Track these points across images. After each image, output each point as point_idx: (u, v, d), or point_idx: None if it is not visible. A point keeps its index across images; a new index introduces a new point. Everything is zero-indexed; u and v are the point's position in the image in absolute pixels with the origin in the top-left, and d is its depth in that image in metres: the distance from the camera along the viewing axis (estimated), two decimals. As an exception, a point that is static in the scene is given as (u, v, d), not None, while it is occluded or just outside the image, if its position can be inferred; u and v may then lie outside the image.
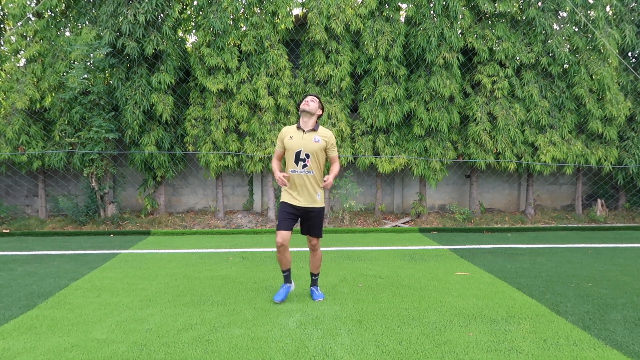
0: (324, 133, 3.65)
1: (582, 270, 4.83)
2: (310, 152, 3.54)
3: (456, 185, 9.31)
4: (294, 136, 3.58)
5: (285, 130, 3.68)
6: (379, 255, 5.58)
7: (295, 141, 3.57)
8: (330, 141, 3.63)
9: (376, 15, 7.76)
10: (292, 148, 3.57)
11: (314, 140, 3.56)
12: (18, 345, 2.94)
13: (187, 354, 2.81)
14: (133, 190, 8.82)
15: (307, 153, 3.55)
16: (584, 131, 8.30)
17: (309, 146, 3.55)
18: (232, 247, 6.25)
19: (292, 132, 3.62)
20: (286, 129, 3.68)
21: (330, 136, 3.65)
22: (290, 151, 3.57)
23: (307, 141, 3.55)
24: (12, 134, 7.48)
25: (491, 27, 7.95)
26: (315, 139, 3.57)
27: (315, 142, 3.56)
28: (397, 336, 3.06)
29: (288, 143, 3.59)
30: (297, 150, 3.54)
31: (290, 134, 3.61)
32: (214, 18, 7.43)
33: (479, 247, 6.22)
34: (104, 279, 4.53)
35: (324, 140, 3.61)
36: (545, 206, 9.45)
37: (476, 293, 4.03)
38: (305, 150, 3.54)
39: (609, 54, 7.98)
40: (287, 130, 3.67)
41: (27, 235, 7.26)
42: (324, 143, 3.61)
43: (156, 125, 7.85)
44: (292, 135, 3.59)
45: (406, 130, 8.14)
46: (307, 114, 3.57)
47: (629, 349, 2.85)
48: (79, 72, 7.22)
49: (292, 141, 3.57)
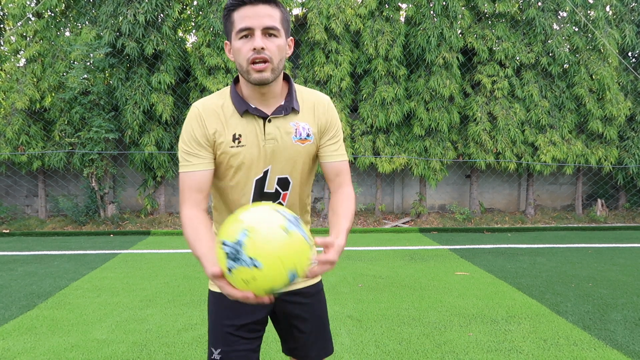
0: (314, 105, 1.38)
1: (582, 270, 4.83)
2: (290, 171, 1.37)
3: (456, 185, 9.31)
4: (243, 133, 1.30)
5: (208, 112, 1.31)
6: (379, 255, 5.58)
7: (250, 149, 1.31)
8: (331, 121, 1.40)
9: (376, 15, 7.76)
10: (246, 167, 1.32)
11: (296, 135, 1.33)
12: (18, 345, 2.94)
13: (187, 354, 2.80)
14: (133, 190, 8.82)
15: (282, 176, 1.36)
16: (584, 131, 8.30)
17: (284, 155, 1.34)
18: (232, 247, 6.24)
19: (232, 122, 1.30)
20: (208, 110, 1.31)
21: (325, 105, 1.39)
22: (240, 177, 1.34)
23: (278, 143, 1.32)
24: (12, 134, 7.47)
25: (491, 27, 7.95)
26: (297, 131, 1.34)
27: (297, 140, 1.34)
28: (397, 336, 3.06)
29: (230, 156, 1.31)
30: (260, 173, 1.34)
31: (230, 126, 1.30)
32: (214, 18, 7.43)
33: (479, 247, 6.21)
34: (104, 279, 4.53)
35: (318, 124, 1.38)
36: (545, 206, 9.45)
37: (476, 293, 4.03)
38: (277, 168, 1.35)
39: (609, 54, 7.98)
40: (211, 112, 1.31)
41: (27, 235, 7.26)
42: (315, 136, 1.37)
43: (156, 125, 7.85)
44: (236, 130, 1.30)
45: (406, 130, 8.14)
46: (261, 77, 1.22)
47: (629, 349, 2.85)
48: (78, 72, 7.22)
49: (242, 150, 1.30)
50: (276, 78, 1.26)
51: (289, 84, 1.35)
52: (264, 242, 0.98)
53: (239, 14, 1.21)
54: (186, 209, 1.28)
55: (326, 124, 1.38)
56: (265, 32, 1.20)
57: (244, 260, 0.98)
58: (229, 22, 1.25)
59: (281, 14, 1.24)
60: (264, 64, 1.20)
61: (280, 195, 1.38)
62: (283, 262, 0.99)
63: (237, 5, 1.21)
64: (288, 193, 1.38)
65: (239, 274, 1.00)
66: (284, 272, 0.99)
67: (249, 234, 0.98)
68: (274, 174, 1.34)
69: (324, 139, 1.39)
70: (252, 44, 1.20)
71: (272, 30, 1.21)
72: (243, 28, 1.20)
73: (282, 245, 0.99)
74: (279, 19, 1.23)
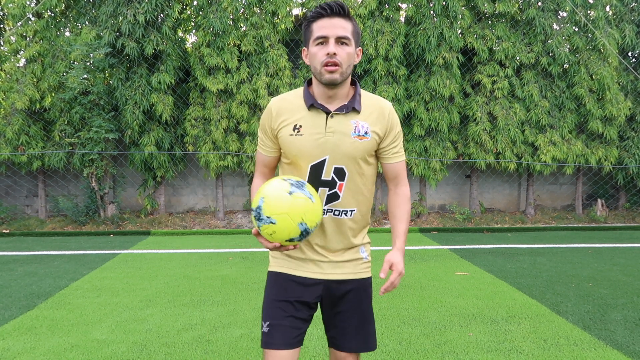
0: (375, 109, 1.54)
1: (583, 270, 4.83)
2: (346, 163, 1.52)
3: (456, 185, 9.31)
4: (304, 125, 1.51)
5: (278, 107, 1.56)
6: (379, 255, 5.56)
7: (308, 137, 1.50)
8: (392, 126, 1.56)
9: (376, 15, 7.76)
10: (302, 154, 1.51)
11: (354, 131, 1.51)
12: (18, 346, 2.94)
13: (187, 354, 2.80)
14: (133, 190, 8.82)
15: (338, 166, 1.51)
16: (584, 131, 8.30)
17: (342, 148, 1.50)
18: (232, 247, 6.25)
19: (297, 114, 1.53)
20: (279, 105, 1.56)
21: (386, 111, 1.55)
22: (298, 161, 1.53)
23: (337, 136, 1.50)
24: (12, 134, 7.47)
25: (491, 27, 7.95)
26: (356, 128, 1.51)
27: (356, 136, 1.51)
28: (397, 336, 3.06)
29: (289, 143, 1.53)
30: (316, 160, 1.51)
31: (294, 118, 1.53)
32: (214, 18, 7.43)
33: (479, 247, 6.21)
34: (104, 279, 4.53)
35: (380, 126, 1.54)
36: (546, 206, 9.45)
37: (476, 293, 4.03)
38: (335, 158, 1.51)
39: (609, 54, 7.98)
40: (281, 106, 1.56)
41: (27, 236, 7.26)
42: (377, 136, 1.53)
43: (156, 126, 7.85)
44: (299, 121, 1.52)
45: (406, 130, 8.14)
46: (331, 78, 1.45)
47: (630, 349, 2.85)
48: (78, 72, 7.22)
49: (300, 138, 1.51)
50: (344, 81, 1.48)
51: (356, 88, 1.56)
52: (274, 204, 1.35)
53: (318, 24, 1.45)
54: (255, 179, 1.70)
55: (390, 128, 1.56)
56: (338, 41, 1.43)
57: (264, 219, 1.36)
58: (308, 31, 1.49)
59: (353, 26, 1.47)
60: (335, 67, 1.43)
61: (337, 185, 1.53)
62: (291, 217, 1.34)
63: (316, 17, 1.45)
64: (344, 184, 1.53)
65: (264, 229, 1.37)
66: (294, 224, 1.35)
67: (264, 200, 1.37)
68: (331, 164, 1.51)
69: (387, 141, 1.56)
70: (326, 49, 1.43)
71: (344, 40, 1.44)
72: (320, 36, 1.44)
73: (288, 205, 1.34)
74: (351, 31, 1.46)
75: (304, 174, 1.53)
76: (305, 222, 1.36)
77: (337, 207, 1.54)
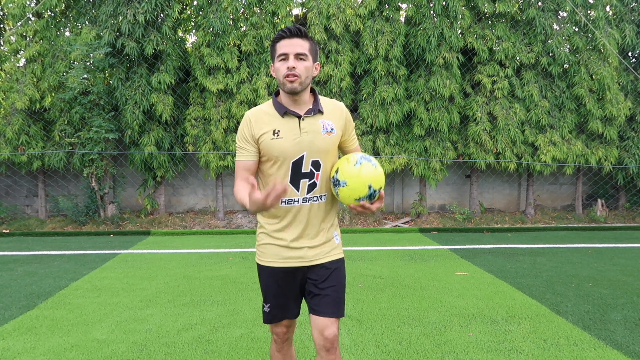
0: (334, 109, 1.88)
1: (583, 270, 4.83)
2: (320, 156, 1.81)
3: (456, 185, 9.31)
4: (282, 129, 1.79)
5: (255, 117, 1.83)
6: (379, 255, 5.57)
7: (287, 139, 1.78)
8: (348, 121, 1.93)
9: (376, 15, 7.76)
10: (284, 153, 1.78)
11: (323, 129, 1.82)
12: (18, 346, 2.94)
13: (187, 354, 2.80)
14: (133, 190, 8.82)
15: (314, 159, 1.81)
16: (584, 131, 8.30)
17: (316, 144, 1.80)
18: (232, 247, 6.25)
19: (274, 122, 1.81)
20: (256, 115, 1.84)
21: (343, 110, 1.91)
22: (279, 161, 1.80)
23: (311, 135, 1.80)
24: (12, 134, 7.47)
25: (491, 27, 7.95)
26: (324, 126, 1.83)
27: (325, 132, 1.82)
28: (397, 336, 3.06)
29: (271, 145, 1.79)
30: (296, 157, 1.78)
31: (271, 125, 1.80)
32: (214, 18, 7.43)
33: (479, 247, 6.21)
34: (103, 279, 4.53)
35: (341, 123, 1.89)
36: (545, 206, 9.45)
37: (476, 293, 4.03)
38: (311, 152, 1.80)
39: (609, 54, 7.98)
40: (257, 117, 1.83)
41: (27, 235, 7.26)
42: (340, 131, 1.88)
43: (156, 125, 7.85)
44: (277, 127, 1.80)
45: (406, 130, 8.14)
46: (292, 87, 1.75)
47: (629, 349, 2.85)
48: (78, 72, 7.22)
49: (281, 141, 1.78)
50: (304, 89, 1.78)
51: (315, 94, 1.88)
52: (346, 171, 1.73)
53: (280, 44, 1.75)
54: (237, 181, 1.87)
55: (347, 122, 1.93)
56: (297, 57, 1.73)
57: (340, 183, 1.74)
58: (273, 49, 1.79)
59: (310, 45, 1.77)
60: (295, 77, 1.73)
61: (315, 175, 1.83)
62: (361, 179, 1.70)
63: (279, 38, 1.75)
64: (320, 173, 1.84)
65: (340, 192, 1.75)
66: (364, 186, 1.70)
67: (339, 170, 1.76)
68: (309, 158, 1.81)
69: (347, 134, 1.94)
70: (287, 64, 1.73)
71: (302, 56, 1.74)
72: (282, 53, 1.74)
73: (356, 171, 1.71)
74: (308, 48, 1.76)
75: (286, 170, 1.81)
76: (372, 184, 1.71)
77: (315, 194, 1.85)
